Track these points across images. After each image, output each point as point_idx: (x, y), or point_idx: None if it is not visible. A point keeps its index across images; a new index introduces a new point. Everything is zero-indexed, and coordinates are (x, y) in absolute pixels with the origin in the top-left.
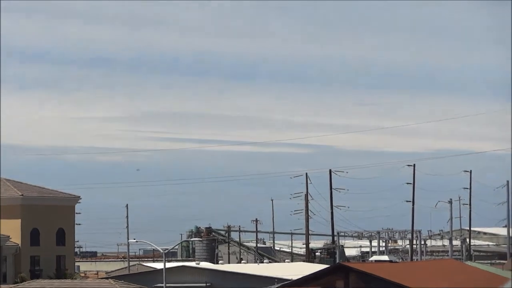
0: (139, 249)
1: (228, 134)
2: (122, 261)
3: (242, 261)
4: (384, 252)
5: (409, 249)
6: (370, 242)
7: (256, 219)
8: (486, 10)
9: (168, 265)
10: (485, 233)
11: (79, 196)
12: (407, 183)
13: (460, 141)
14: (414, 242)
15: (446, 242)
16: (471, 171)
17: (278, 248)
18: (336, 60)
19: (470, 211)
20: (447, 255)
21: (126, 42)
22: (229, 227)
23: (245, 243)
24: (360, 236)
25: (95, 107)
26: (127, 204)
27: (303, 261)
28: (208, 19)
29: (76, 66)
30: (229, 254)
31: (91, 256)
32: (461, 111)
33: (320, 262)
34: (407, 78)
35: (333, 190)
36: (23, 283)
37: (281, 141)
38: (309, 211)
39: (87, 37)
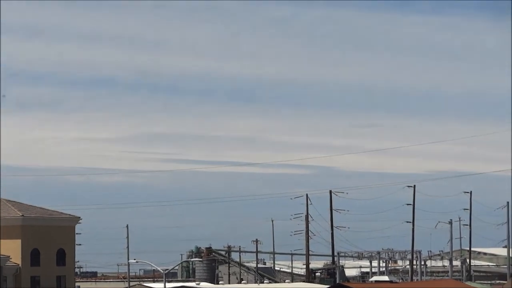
0: (140, 269)
1: (228, 155)
2: (122, 281)
3: (243, 282)
4: (384, 273)
5: (409, 269)
6: (370, 262)
7: (257, 239)
8: (488, 33)
9: (168, 285)
10: (485, 254)
11: (79, 217)
12: (407, 204)
13: (460, 162)
14: (414, 262)
15: (446, 263)
16: (471, 192)
17: (278, 269)
18: (336, 81)
19: (470, 231)
20: (447, 276)
21: (127, 63)
22: (229, 247)
23: (245, 264)
24: (360, 257)
25: (96, 128)
26: (127, 225)
27: (303, 281)
28: (209, 42)
29: (78, 87)
30: (229, 274)
31: (92, 276)
32: (461, 132)
33: (320, 283)
34: (407, 100)
35: (333, 211)
36: None
37: (282, 162)
38: (309, 232)
39: (88, 59)
